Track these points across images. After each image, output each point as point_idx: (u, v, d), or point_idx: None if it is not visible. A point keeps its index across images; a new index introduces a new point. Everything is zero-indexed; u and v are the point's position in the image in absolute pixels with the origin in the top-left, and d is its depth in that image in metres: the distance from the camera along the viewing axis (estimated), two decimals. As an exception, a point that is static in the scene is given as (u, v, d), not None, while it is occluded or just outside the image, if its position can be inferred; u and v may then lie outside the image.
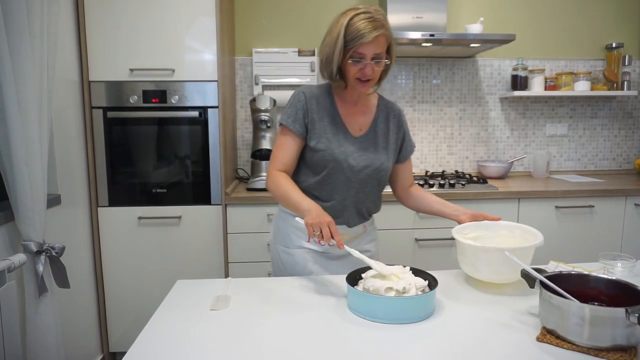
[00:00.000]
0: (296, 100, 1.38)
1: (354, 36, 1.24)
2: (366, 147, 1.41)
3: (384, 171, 1.43)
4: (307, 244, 1.44)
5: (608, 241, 2.43)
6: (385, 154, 1.43)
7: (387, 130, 1.45)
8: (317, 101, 1.38)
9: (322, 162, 1.37)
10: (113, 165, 2.18)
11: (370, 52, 1.26)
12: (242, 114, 2.80)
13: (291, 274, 1.46)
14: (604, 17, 2.92)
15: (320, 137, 1.37)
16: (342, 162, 1.36)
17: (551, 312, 0.96)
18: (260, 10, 2.74)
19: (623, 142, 3.05)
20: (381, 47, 1.27)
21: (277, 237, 1.52)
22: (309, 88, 1.40)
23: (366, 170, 1.39)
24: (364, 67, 1.27)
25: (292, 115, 1.37)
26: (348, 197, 1.41)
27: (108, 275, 2.23)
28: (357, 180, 1.39)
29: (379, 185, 1.46)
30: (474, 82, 2.90)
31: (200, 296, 1.21)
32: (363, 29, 1.23)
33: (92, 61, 2.11)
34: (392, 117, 1.47)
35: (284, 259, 1.48)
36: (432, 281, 1.13)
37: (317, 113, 1.37)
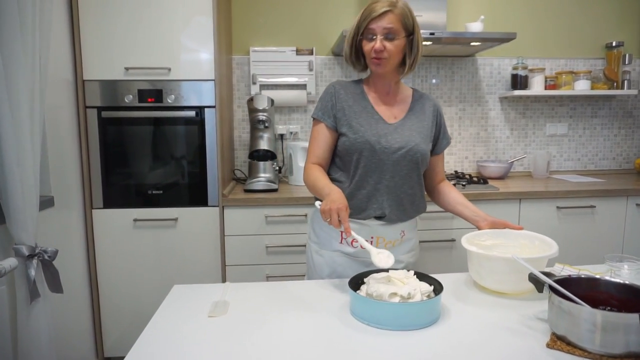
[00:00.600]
0: (326, 92, 1.42)
1: (365, 15, 1.30)
2: (400, 132, 1.38)
3: (420, 153, 1.37)
4: (340, 245, 1.42)
5: (610, 242, 2.40)
6: (420, 138, 1.39)
7: (424, 117, 1.43)
8: (346, 91, 1.40)
9: (355, 146, 1.35)
10: (108, 166, 2.13)
11: (379, 28, 1.29)
12: (240, 113, 2.76)
13: (320, 275, 1.44)
14: (604, 16, 2.90)
15: (351, 122, 1.37)
16: (374, 144, 1.34)
17: (561, 318, 0.93)
18: (258, 8, 2.70)
19: (623, 141, 3.03)
20: (390, 22, 1.28)
21: (312, 237, 1.50)
22: (339, 81, 1.44)
23: (400, 151, 1.35)
24: (375, 42, 1.29)
25: (322, 107, 1.40)
26: (382, 180, 1.37)
27: (103, 279, 2.19)
28: (391, 163, 1.35)
29: (416, 170, 1.40)
30: (474, 82, 2.87)
31: (198, 302, 1.17)
32: (371, 7, 1.29)
33: (87, 60, 2.06)
34: (429, 107, 1.45)
35: (315, 259, 1.46)
36: (437, 286, 1.10)
37: (347, 102, 1.39)
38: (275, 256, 2.22)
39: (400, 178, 1.38)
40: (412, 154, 1.36)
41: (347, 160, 1.38)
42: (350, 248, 1.41)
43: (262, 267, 2.23)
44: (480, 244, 1.33)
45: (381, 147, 1.34)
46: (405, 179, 1.38)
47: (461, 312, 1.10)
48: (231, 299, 1.18)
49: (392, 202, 1.38)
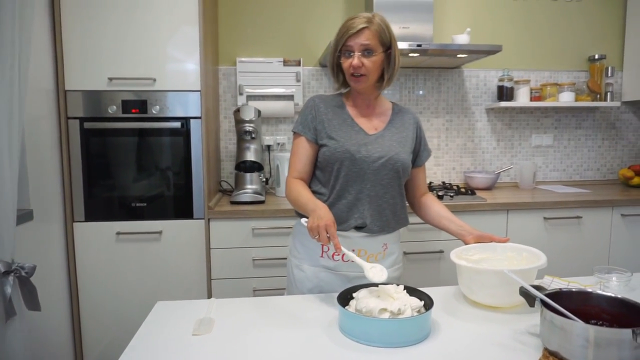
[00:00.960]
0: (305, 106, 1.42)
1: (342, 33, 1.31)
2: (380, 142, 1.38)
3: (401, 162, 1.37)
4: (321, 259, 1.39)
5: (596, 252, 2.42)
6: (401, 148, 1.39)
7: (404, 129, 1.43)
8: (325, 105, 1.41)
9: (335, 155, 1.34)
10: (90, 178, 2.08)
11: (356, 45, 1.29)
12: (226, 124, 2.73)
13: (301, 290, 1.41)
14: (587, 29, 2.96)
15: (331, 134, 1.37)
16: (354, 153, 1.33)
17: (554, 333, 0.91)
18: (245, 19, 2.69)
19: (607, 152, 3.07)
20: (368, 39, 1.29)
21: (293, 251, 1.48)
22: (318, 95, 1.45)
23: (381, 160, 1.35)
24: (353, 59, 1.30)
25: (302, 121, 1.40)
26: (363, 189, 1.36)
27: (84, 295, 2.12)
28: (371, 172, 1.35)
29: (397, 179, 1.39)
30: (460, 93, 2.89)
31: (182, 319, 1.13)
32: (348, 25, 1.30)
33: (69, 69, 2.02)
34: (408, 119, 1.46)
35: (295, 274, 1.44)
36: (428, 300, 1.08)
37: (327, 115, 1.39)
38: (262, 269, 2.18)
39: (382, 187, 1.37)
40: (393, 162, 1.36)
41: (328, 170, 1.38)
42: (331, 262, 1.38)
43: (248, 281, 2.19)
44: (468, 258, 1.31)
45: (361, 156, 1.34)
46: (387, 189, 1.38)
47: (452, 327, 1.08)
48: (216, 316, 1.15)
49: (373, 211, 1.37)
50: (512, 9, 2.87)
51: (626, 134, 3.07)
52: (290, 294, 1.46)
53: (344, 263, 1.36)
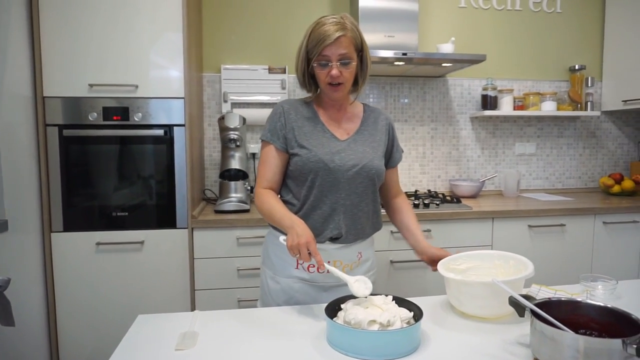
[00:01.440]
0: (274, 113, 1.36)
1: (316, 41, 1.25)
2: (353, 148, 1.35)
3: (375, 169, 1.35)
4: (295, 271, 1.36)
5: (580, 259, 2.44)
6: (374, 153, 1.37)
7: (376, 132, 1.41)
8: (296, 111, 1.36)
9: (308, 165, 1.30)
10: (69, 186, 2.02)
11: (334, 54, 1.25)
12: (210, 132, 2.69)
13: (276, 302, 1.38)
14: (567, 40, 3.02)
15: (302, 142, 1.32)
16: (328, 162, 1.30)
17: (544, 343, 0.91)
18: (229, 26, 2.67)
19: (587, 160, 3.12)
20: (345, 48, 1.25)
21: (266, 262, 1.44)
22: (287, 100, 1.39)
23: (355, 168, 1.32)
24: (330, 69, 1.26)
25: (271, 128, 1.34)
26: (339, 199, 1.32)
27: (61, 309, 2.05)
28: (346, 180, 1.31)
29: (372, 186, 1.37)
30: (445, 102, 2.91)
31: (164, 333, 1.09)
32: (324, 32, 1.24)
33: (47, 75, 1.96)
34: (380, 121, 1.43)
35: (270, 285, 1.40)
36: (417, 311, 1.06)
37: (297, 122, 1.34)
38: (247, 279, 2.14)
39: (357, 196, 1.34)
40: (367, 170, 1.33)
41: (301, 180, 1.33)
42: (306, 274, 1.35)
43: (233, 291, 2.14)
44: (455, 268, 1.30)
45: (335, 165, 1.30)
46: (362, 197, 1.35)
47: (441, 338, 1.06)
48: (200, 329, 1.11)
49: (348, 221, 1.34)
50: (495, 20, 2.92)
51: (606, 142, 3.13)
52: (264, 304, 1.42)
53: (320, 274, 1.33)
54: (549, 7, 2.97)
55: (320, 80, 1.30)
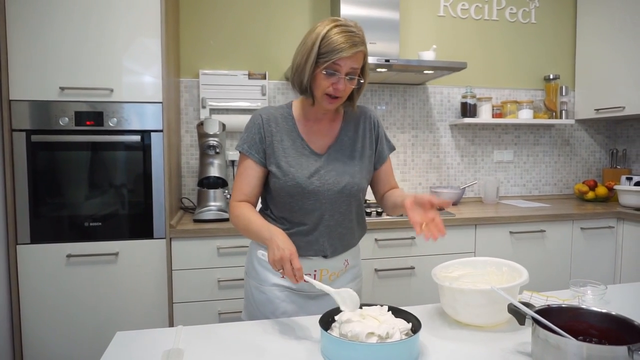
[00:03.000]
0: (252, 124, 1.27)
1: (332, 48, 1.14)
2: (331, 163, 1.28)
3: (357, 186, 1.29)
4: (281, 280, 1.31)
5: (559, 264, 2.47)
6: (356, 166, 1.30)
7: (357, 137, 1.33)
8: (275, 122, 1.28)
9: (286, 188, 1.24)
10: (37, 195, 1.90)
11: (346, 67, 1.17)
12: (187, 138, 2.61)
13: (262, 312, 1.32)
14: (542, 50, 3.09)
15: (279, 161, 1.25)
16: (306, 186, 1.23)
17: (548, 352, 0.88)
18: (208, 30, 2.60)
19: (562, 168, 3.19)
20: (357, 62, 1.18)
21: (251, 272, 1.37)
22: (266, 110, 1.30)
23: (336, 187, 1.26)
24: (337, 81, 1.18)
25: (248, 140, 1.26)
26: (321, 221, 1.27)
27: (28, 327, 1.91)
28: (327, 202, 1.26)
29: (357, 202, 1.32)
30: (425, 109, 2.92)
31: (146, 351, 1.02)
32: (343, 42, 1.14)
33: (14, 77, 1.85)
34: (363, 121, 1.35)
35: (256, 296, 1.34)
36: (415, 322, 1.02)
37: (276, 135, 1.26)
38: (228, 291, 2.06)
39: (340, 215, 1.29)
40: (349, 188, 1.28)
41: (280, 202, 1.28)
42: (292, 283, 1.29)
43: (213, 304, 2.06)
44: (448, 276, 1.28)
45: (314, 187, 1.24)
46: (345, 214, 1.30)
47: (440, 348, 1.02)
48: (185, 346, 1.04)
49: (333, 240, 1.29)
50: (474, 29, 2.96)
51: (579, 150, 3.21)
52: (250, 315, 1.36)
53: (306, 283, 1.26)
54: (524, 18, 3.04)
55: (319, 88, 1.20)
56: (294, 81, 1.24)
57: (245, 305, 1.41)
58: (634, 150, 3.12)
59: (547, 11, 3.07)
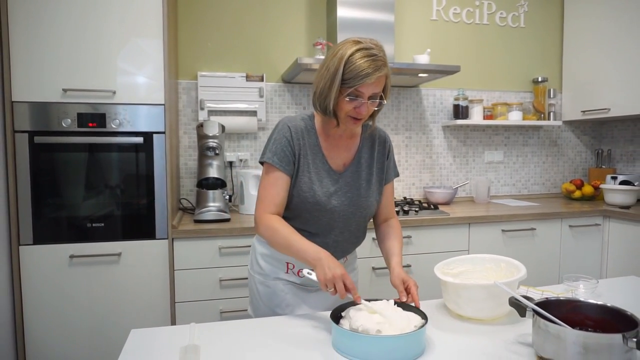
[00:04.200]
0: (281, 136, 1.27)
1: (355, 74, 1.14)
2: (350, 184, 1.32)
3: (369, 207, 1.36)
4: (285, 275, 1.36)
5: (549, 260, 2.56)
6: (369, 189, 1.35)
7: (372, 161, 1.37)
8: (302, 136, 1.29)
9: (305, 203, 1.28)
10: (40, 196, 1.91)
11: (369, 92, 1.18)
12: (186, 140, 2.63)
13: (268, 306, 1.36)
14: (531, 53, 3.18)
15: (303, 176, 1.28)
16: (324, 204, 1.28)
17: (548, 341, 0.94)
18: (205, 32, 2.63)
19: (550, 168, 3.29)
20: (379, 86, 1.19)
21: (255, 268, 1.42)
22: (292, 121, 1.29)
23: (350, 209, 1.32)
24: (361, 105, 1.19)
25: (279, 153, 1.26)
26: (331, 235, 1.33)
27: (30, 328, 1.92)
28: (341, 220, 1.32)
29: (364, 221, 1.39)
30: (419, 111, 2.99)
31: (164, 347, 1.05)
32: (366, 68, 1.13)
33: (17, 79, 1.86)
34: (378, 145, 1.39)
35: (261, 290, 1.38)
36: (421, 315, 1.08)
37: (302, 149, 1.28)
38: (229, 290, 2.10)
39: (349, 233, 1.36)
40: (362, 211, 1.34)
41: (296, 212, 1.31)
42: (296, 278, 1.36)
43: (215, 303, 2.09)
44: (449, 272, 1.34)
45: (332, 206, 1.29)
46: (354, 232, 1.37)
47: (445, 341, 1.08)
48: (200, 342, 1.07)
49: (337, 252, 1.35)
50: (465, 33, 3.04)
51: (566, 150, 3.31)
52: (256, 310, 1.41)
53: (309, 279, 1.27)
54: (513, 22, 3.13)
55: (343, 110, 1.21)
56: (318, 104, 1.24)
57: (250, 300, 1.46)
58: (618, 150, 3.23)
59: (535, 16, 3.17)
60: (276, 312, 1.35)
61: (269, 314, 1.35)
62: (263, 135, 2.74)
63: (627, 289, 1.47)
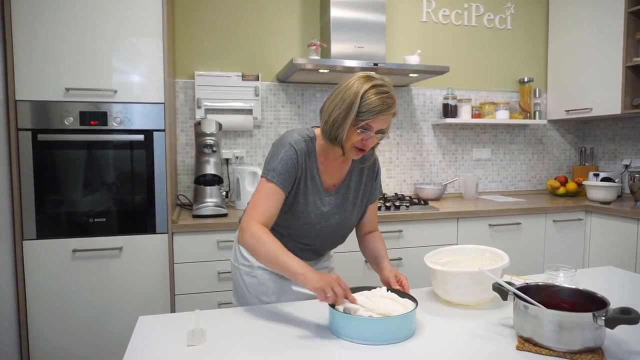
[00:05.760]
0: (287, 157, 1.29)
1: (369, 109, 1.19)
2: (338, 205, 1.40)
3: (352, 227, 1.48)
4: None
5: (533, 253, 2.67)
6: (354, 210, 1.44)
7: (360, 184, 1.44)
8: (305, 158, 1.33)
9: (296, 223, 1.37)
10: (43, 192, 1.96)
11: (378, 127, 1.24)
12: (183, 138, 2.69)
13: (254, 295, 1.43)
14: (517, 54, 3.29)
15: (299, 197, 1.34)
16: (314, 225, 1.37)
17: (527, 321, 1.03)
18: (202, 32, 2.69)
19: (536, 165, 3.40)
20: (388, 122, 1.27)
21: (240, 260, 1.48)
22: (298, 143, 1.31)
23: (335, 229, 1.42)
24: (368, 138, 1.25)
25: (283, 172, 1.29)
26: (314, 244, 1.43)
27: (34, 320, 1.98)
28: (324, 234, 1.41)
29: (345, 235, 1.49)
30: (409, 110, 3.08)
31: (171, 332, 1.12)
32: (380, 104, 1.20)
33: (20, 78, 1.91)
34: (367, 169, 1.45)
35: (247, 280, 1.45)
36: (412, 300, 1.16)
37: (304, 172, 1.33)
38: (227, 282, 2.17)
39: (329, 245, 1.48)
40: (344, 229, 1.45)
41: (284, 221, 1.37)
42: None
43: (213, 295, 2.16)
44: (438, 262, 1.42)
45: (320, 226, 1.39)
46: (333, 244, 1.48)
47: (433, 324, 1.17)
48: (206, 327, 1.15)
49: (317, 255, 1.48)
50: (454, 34, 3.13)
51: (551, 148, 3.43)
52: (240, 300, 1.47)
53: None
54: (500, 24, 3.23)
55: (350, 141, 1.25)
56: (329, 133, 1.27)
57: (235, 292, 1.51)
58: (601, 148, 3.36)
59: (522, 18, 3.27)
60: (262, 300, 1.41)
61: (255, 302, 1.41)
62: (258, 133, 2.81)
63: (603, 278, 1.58)
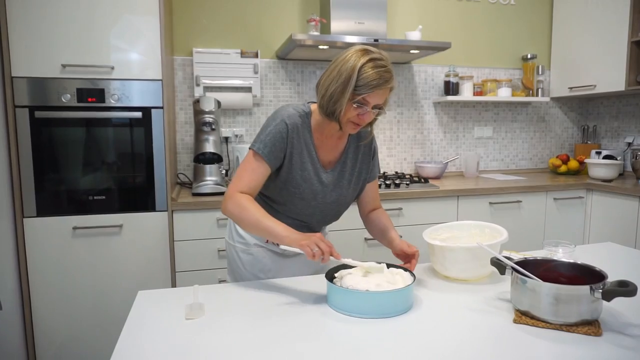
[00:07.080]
0: (276, 130, 1.28)
1: (366, 83, 1.17)
2: (334, 183, 1.38)
3: (348, 204, 1.46)
4: (264, 243, 1.43)
5: (534, 230, 2.67)
6: (350, 188, 1.42)
7: (356, 162, 1.42)
8: (297, 132, 1.31)
9: (291, 196, 1.35)
10: (42, 170, 1.96)
11: (375, 101, 1.22)
12: (182, 116, 2.67)
13: (250, 272, 1.44)
14: (520, 30, 3.23)
15: (295, 173, 1.32)
16: (309, 201, 1.35)
17: (524, 295, 1.03)
18: (200, 9, 2.64)
19: (538, 143, 3.38)
20: (385, 97, 1.24)
21: (234, 237, 1.48)
22: (290, 116, 1.29)
23: (331, 206, 1.40)
24: (365, 113, 1.23)
25: (270, 145, 1.27)
26: (310, 221, 1.42)
27: (36, 297, 2.00)
28: (320, 211, 1.40)
29: (340, 212, 1.47)
30: (410, 87, 3.05)
31: (170, 306, 1.13)
32: (377, 78, 1.17)
33: (16, 54, 1.88)
34: (364, 147, 1.43)
35: (243, 257, 1.45)
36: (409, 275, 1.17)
37: (296, 146, 1.31)
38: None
39: (325, 222, 1.47)
40: (340, 206, 1.43)
41: (279, 196, 1.36)
42: (275, 247, 1.41)
43: (213, 272, 2.18)
44: (437, 237, 1.42)
45: (315, 203, 1.36)
46: (328, 220, 1.47)
47: (431, 298, 1.17)
48: (204, 301, 1.16)
49: (313, 229, 1.45)
50: (456, 10, 3.07)
51: (553, 126, 3.40)
52: (235, 277, 1.48)
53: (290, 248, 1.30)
54: (504, 0, 3.16)
55: (346, 116, 1.23)
56: (326, 108, 1.25)
57: (230, 270, 1.52)
58: (604, 126, 3.33)
59: (526, -7, 3.21)
60: (259, 277, 1.41)
61: (251, 279, 1.41)
62: (258, 111, 2.78)
63: (602, 253, 1.58)
